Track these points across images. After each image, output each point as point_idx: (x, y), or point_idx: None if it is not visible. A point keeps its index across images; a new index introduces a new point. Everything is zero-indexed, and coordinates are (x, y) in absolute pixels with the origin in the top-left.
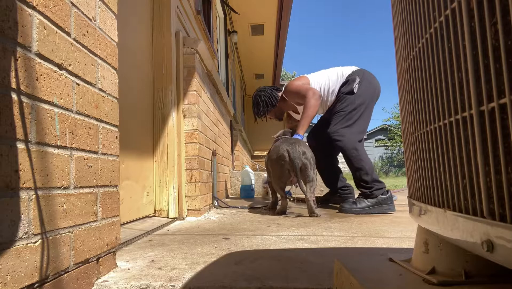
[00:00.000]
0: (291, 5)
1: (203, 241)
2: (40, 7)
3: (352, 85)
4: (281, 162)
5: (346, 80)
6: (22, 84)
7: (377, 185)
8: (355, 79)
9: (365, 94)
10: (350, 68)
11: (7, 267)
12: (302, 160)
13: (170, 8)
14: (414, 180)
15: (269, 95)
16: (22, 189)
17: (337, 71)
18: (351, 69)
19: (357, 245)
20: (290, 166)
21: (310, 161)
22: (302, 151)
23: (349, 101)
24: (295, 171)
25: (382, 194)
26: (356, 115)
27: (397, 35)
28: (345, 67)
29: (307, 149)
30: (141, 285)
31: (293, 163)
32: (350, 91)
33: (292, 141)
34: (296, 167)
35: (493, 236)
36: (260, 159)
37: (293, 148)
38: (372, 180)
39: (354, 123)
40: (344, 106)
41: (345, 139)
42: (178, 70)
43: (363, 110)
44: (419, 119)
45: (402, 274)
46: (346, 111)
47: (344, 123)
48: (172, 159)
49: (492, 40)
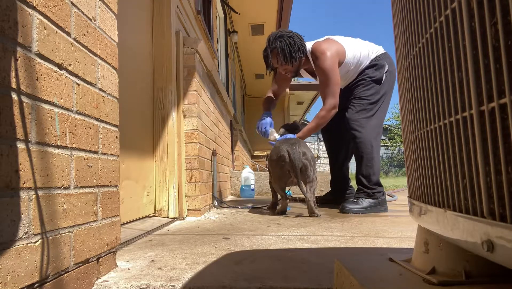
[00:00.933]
0: (291, 5)
1: (203, 241)
2: (40, 7)
3: (382, 73)
4: (281, 162)
5: (375, 63)
6: (22, 84)
7: (379, 188)
8: (384, 66)
9: (388, 85)
10: (379, 49)
11: (7, 267)
12: (302, 160)
13: (170, 8)
14: (414, 180)
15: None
16: (22, 188)
17: (368, 47)
18: (380, 51)
19: (357, 245)
20: (290, 167)
21: (310, 162)
22: (303, 152)
23: (375, 90)
24: (295, 172)
25: (383, 194)
26: (377, 106)
27: (397, 35)
28: (375, 46)
29: (307, 149)
30: (141, 285)
31: (293, 164)
32: (379, 79)
33: (292, 141)
34: (296, 168)
35: (493, 236)
36: (260, 159)
37: (293, 149)
38: (377, 181)
39: (374, 115)
40: (369, 94)
41: (364, 131)
42: (178, 70)
43: (383, 101)
44: (419, 119)
45: (402, 274)
46: (370, 101)
47: (365, 113)
48: (172, 159)
49: (492, 40)
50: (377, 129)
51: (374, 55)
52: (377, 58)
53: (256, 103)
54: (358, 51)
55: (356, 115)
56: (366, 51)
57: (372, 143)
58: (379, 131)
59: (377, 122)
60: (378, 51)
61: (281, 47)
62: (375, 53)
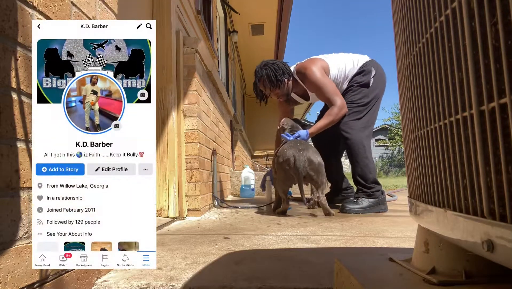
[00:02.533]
0: (291, 5)
1: (203, 240)
2: (40, 7)
3: (369, 78)
4: (286, 166)
5: (361, 70)
6: (22, 84)
7: (377, 186)
8: (371, 71)
9: (377, 88)
10: (364, 58)
11: (7, 267)
12: (307, 170)
13: (171, 8)
14: (414, 179)
15: (283, 67)
16: (22, 188)
17: (352, 58)
18: (365, 59)
19: (357, 245)
20: (294, 173)
21: (317, 169)
22: (309, 160)
23: (363, 94)
24: (298, 179)
25: (382, 193)
26: (367, 109)
27: (397, 35)
28: (359, 55)
29: (314, 155)
30: (141, 285)
31: (297, 171)
32: (366, 83)
33: (301, 147)
34: (300, 175)
35: (494, 236)
36: (260, 159)
37: (300, 155)
38: (374, 179)
39: (363, 117)
40: (357, 98)
41: (353, 132)
42: (178, 70)
43: (373, 104)
44: (419, 119)
45: (402, 274)
46: (359, 104)
47: (354, 116)
48: (172, 159)
49: (492, 40)
50: (368, 130)
51: (360, 64)
52: (364, 65)
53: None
54: (342, 64)
55: (346, 118)
56: (351, 63)
57: (363, 144)
58: (370, 131)
59: (367, 123)
60: (363, 60)
61: (267, 73)
62: (360, 62)
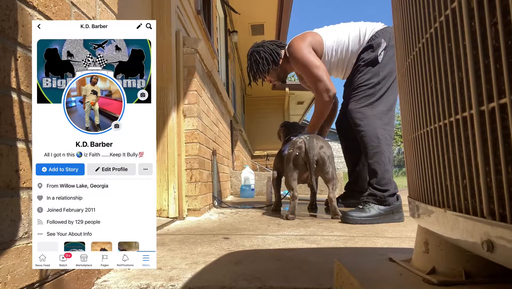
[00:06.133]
0: (291, 5)
1: (203, 240)
2: (40, 7)
3: (376, 52)
4: (297, 152)
5: (370, 44)
6: (22, 84)
7: (393, 190)
8: (380, 44)
9: (391, 62)
10: (374, 26)
11: (7, 267)
12: (320, 153)
13: (170, 8)
14: (414, 179)
15: (270, 52)
16: (22, 188)
17: (359, 27)
18: (375, 28)
19: (357, 245)
20: (306, 158)
21: (328, 156)
22: (320, 145)
23: (372, 72)
24: (310, 164)
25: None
26: (380, 90)
27: (397, 35)
28: (368, 23)
29: (326, 145)
30: (141, 285)
31: (308, 155)
32: (373, 60)
33: (311, 136)
34: (311, 160)
35: (493, 236)
36: (260, 159)
37: (311, 141)
38: (389, 180)
39: (377, 101)
40: (365, 79)
41: (366, 122)
42: (178, 70)
43: (390, 83)
44: (419, 119)
45: (402, 274)
46: (368, 85)
47: (364, 101)
48: (172, 159)
49: (492, 40)
50: (385, 117)
51: (369, 34)
52: (374, 37)
53: (256, 103)
54: (343, 34)
55: (356, 105)
56: (357, 31)
57: (378, 135)
58: (389, 118)
59: (384, 108)
60: (374, 29)
61: (250, 64)
62: (370, 31)
